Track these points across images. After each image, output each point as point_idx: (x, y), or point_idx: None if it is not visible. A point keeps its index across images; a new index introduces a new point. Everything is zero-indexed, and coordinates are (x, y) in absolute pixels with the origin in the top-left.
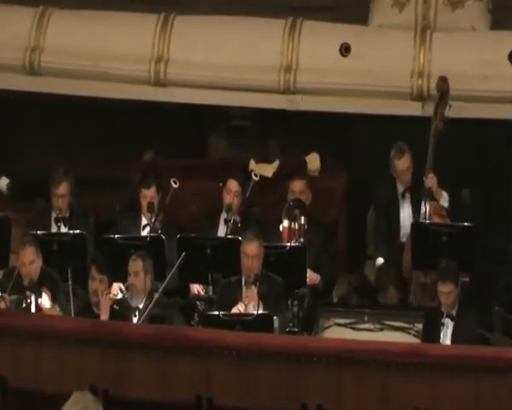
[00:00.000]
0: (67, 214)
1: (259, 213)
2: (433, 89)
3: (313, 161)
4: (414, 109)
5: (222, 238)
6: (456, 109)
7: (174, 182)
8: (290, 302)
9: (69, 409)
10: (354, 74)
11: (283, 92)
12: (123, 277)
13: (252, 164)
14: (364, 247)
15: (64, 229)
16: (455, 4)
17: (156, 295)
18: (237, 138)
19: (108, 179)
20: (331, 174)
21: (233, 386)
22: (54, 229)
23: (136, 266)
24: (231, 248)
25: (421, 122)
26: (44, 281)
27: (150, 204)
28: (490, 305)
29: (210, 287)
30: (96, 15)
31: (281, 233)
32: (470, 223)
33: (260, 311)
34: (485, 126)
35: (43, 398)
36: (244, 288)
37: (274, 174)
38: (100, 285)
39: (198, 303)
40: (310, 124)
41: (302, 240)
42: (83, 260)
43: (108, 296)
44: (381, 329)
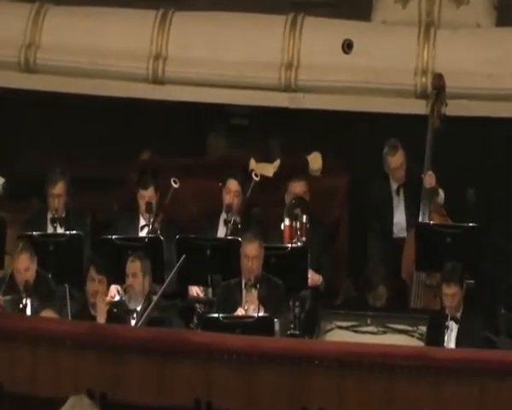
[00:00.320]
0: (64, 215)
1: (260, 213)
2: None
3: (315, 161)
4: (418, 107)
5: (222, 239)
6: (460, 108)
7: (174, 181)
8: (292, 303)
9: None
10: (357, 71)
11: (284, 90)
12: (120, 278)
13: (252, 163)
14: (366, 247)
15: (60, 230)
16: (459, 0)
17: (155, 297)
18: (237, 137)
19: (106, 179)
20: (333, 174)
21: (233, 390)
22: (50, 230)
23: (134, 268)
24: (231, 249)
25: (424, 121)
26: (39, 285)
27: (148, 204)
28: (495, 307)
29: (209, 289)
30: (93, 12)
31: (282, 232)
32: (475, 223)
33: (261, 314)
34: (488, 125)
35: (39, 402)
36: (244, 291)
37: (275, 174)
38: (99, 286)
39: (197, 306)
40: (311, 122)
41: (304, 239)
42: (79, 261)
43: (105, 300)
44: (385, 332)
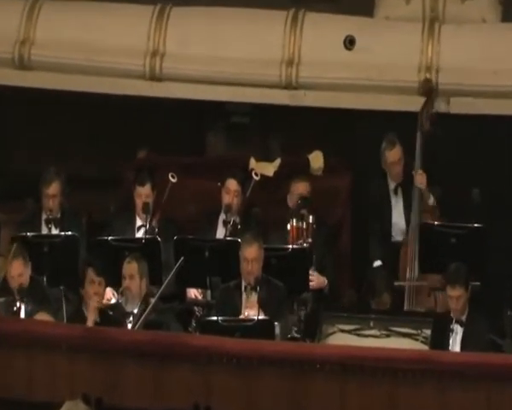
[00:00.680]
0: (59, 215)
1: (260, 213)
2: (442, 83)
3: (316, 160)
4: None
5: (221, 240)
6: (464, 105)
7: (172, 176)
8: (296, 306)
9: None
10: (359, 68)
11: (285, 87)
12: (117, 281)
13: (252, 163)
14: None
15: (55, 231)
16: None
17: (152, 299)
18: (237, 136)
19: (102, 179)
20: (335, 173)
21: (232, 395)
22: (44, 231)
23: (130, 269)
24: (230, 250)
25: None
26: (33, 290)
27: (145, 204)
28: (501, 310)
29: (208, 291)
30: (89, 7)
31: (288, 233)
32: (480, 224)
33: (261, 317)
34: (493, 123)
35: (33, 407)
36: (244, 293)
37: (275, 173)
38: (99, 288)
39: (195, 308)
40: (313, 120)
41: (310, 240)
42: (75, 263)
43: (99, 302)
44: (388, 335)
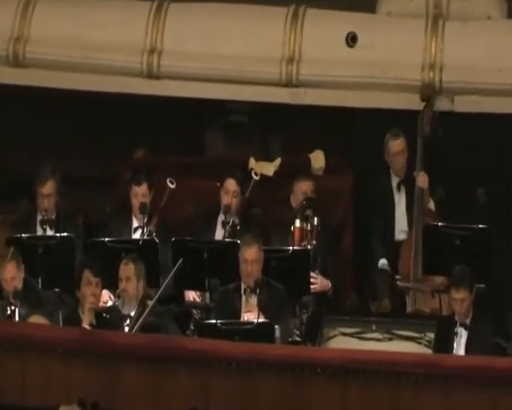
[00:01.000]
0: (54, 216)
1: (260, 214)
2: (446, 81)
3: (317, 159)
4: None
5: (219, 242)
6: (468, 104)
7: (171, 182)
8: (298, 309)
9: None
10: (361, 66)
11: (285, 85)
12: (113, 283)
13: (251, 162)
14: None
15: (50, 232)
16: None
17: (149, 302)
18: (236, 135)
19: (98, 178)
20: (337, 173)
21: (231, 399)
22: (39, 232)
23: (127, 271)
24: (229, 252)
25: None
26: (27, 293)
27: (142, 205)
28: (506, 313)
29: (207, 294)
30: (85, 3)
31: (292, 233)
32: (485, 225)
33: (261, 320)
34: (498, 122)
35: None
36: (243, 296)
37: (275, 173)
38: (97, 289)
39: (194, 311)
40: (314, 119)
41: (314, 242)
42: (70, 265)
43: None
44: (390, 338)
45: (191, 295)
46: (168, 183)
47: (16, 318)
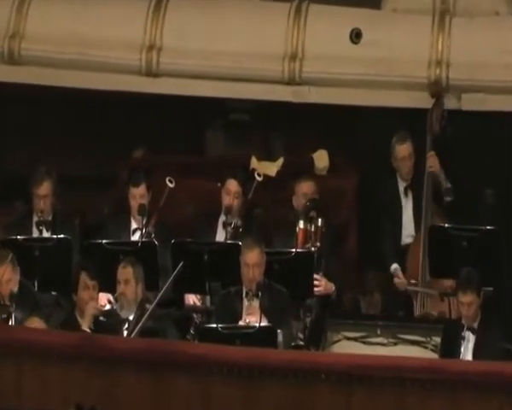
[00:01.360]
0: (50, 217)
1: (262, 215)
2: (453, 79)
3: (321, 159)
4: (431, 102)
5: (220, 243)
6: (475, 102)
7: (170, 181)
8: (302, 312)
9: None
10: (366, 63)
11: (288, 83)
12: (111, 286)
13: (253, 162)
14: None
15: (47, 233)
16: None
17: (149, 306)
18: (237, 134)
19: (96, 179)
20: (341, 173)
21: (233, 406)
22: (35, 233)
23: (125, 274)
24: (231, 254)
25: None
26: (23, 296)
27: (141, 206)
28: None
29: (207, 297)
30: None
31: (295, 235)
32: (493, 226)
33: (263, 324)
34: (506, 120)
35: None
36: (245, 300)
37: (278, 173)
38: (94, 293)
39: (194, 315)
40: (317, 118)
41: (318, 244)
42: (67, 267)
43: (94, 306)
44: (396, 343)
45: (191, 298)
46: (167, 182)
47: (12, 322)
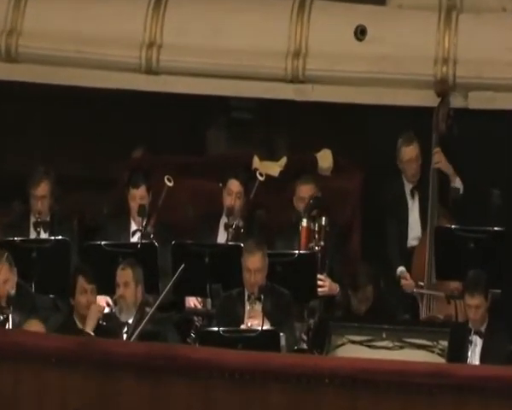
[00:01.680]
0: (48, 218)
1: (264, 216)
2: (460, 77)
3: (325, 159)
4: (437, 100)
5: (222, 245)
6: (483, 100)
7: (168, 179)
8: (306, 314)
9: None
10: (370, 61)
11: (291, 81)
12: (110, 288)
13: (256, 162)
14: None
15: (44, 235)
16: None
17: (149, 309)
18: (239, 133)
19: (94, 179)
20: (345, 173)
21: None
22: (33, 235)
23: (125, 276)
24: (232, 256)
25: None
26: (20, 298)
27: (141, 207)
28: None
29: (208, 300)
30: None
31: (299, 235)
32: (500, 227)
33: (265, 327)
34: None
35: None
36: (247, 303)
37: (281, 173)
38: (91, 297)
39: (195, 318)
40: (321, 116)
41: (322, 244)
42: (65, 269)
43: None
44: (401, 347)
45: (192, 301)
46: (166, 180)
47: (10, 325)
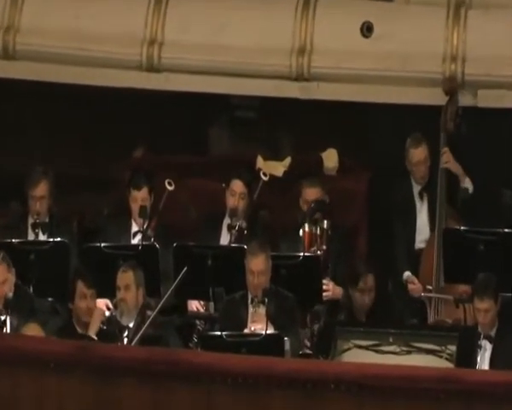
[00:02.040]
0: (47, 219)
1: (268, 217)
2: (469, 74)
3: (330, 158)
4: (446, 99)
5: (225, 247)
6: (493, 98)
7: (169, 183)
8: (309, 320)
9: None
10: (377, 58)
11: (296, 79)
12: (110, 292)
13: (259, 161)
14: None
15: (43, 236)
16: None
17: (150, 313)
18: (242, 132)
19: (94, 179)
20: (351, 173)
21: None
22: (31, 236)
23: (126, 279)
24: (236, 258)
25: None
26: (19, 300)
27: (142, 208)
28: None
29: (211, 303)
30: None
31: (301, 238)
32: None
33: (269, 331)
34: None
35: None
36: (250, 306)
37: (285, 173)
38: (91, 302)
39: (197, 322)
40: (326, 115)
41: (324, 247)
42: (64, 272)
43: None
44: (409, 352)
45: (194, 304)
46: (166, 184)
47: (7, 328)
